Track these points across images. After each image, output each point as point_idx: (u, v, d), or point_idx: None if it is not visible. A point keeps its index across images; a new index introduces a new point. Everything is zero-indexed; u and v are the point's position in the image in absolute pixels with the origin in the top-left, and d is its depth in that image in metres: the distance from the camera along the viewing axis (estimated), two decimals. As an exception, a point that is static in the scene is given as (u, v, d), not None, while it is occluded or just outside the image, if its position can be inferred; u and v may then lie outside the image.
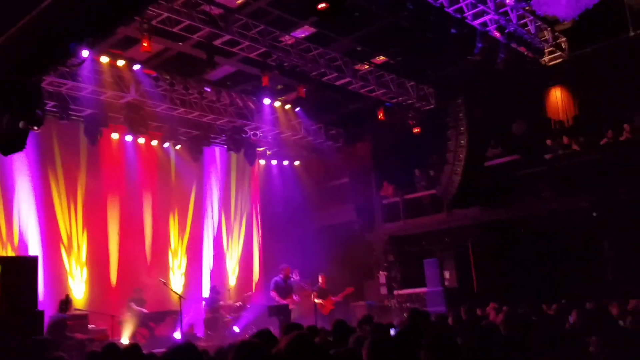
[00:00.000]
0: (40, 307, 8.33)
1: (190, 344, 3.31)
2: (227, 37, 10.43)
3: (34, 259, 8.75)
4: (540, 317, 7.23)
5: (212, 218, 15.15)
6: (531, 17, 11.00)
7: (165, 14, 9.45)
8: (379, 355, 3.56)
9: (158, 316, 12.41)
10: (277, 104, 14.19)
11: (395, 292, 14.14)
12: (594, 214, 11.45)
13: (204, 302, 13.47)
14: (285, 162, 16.44)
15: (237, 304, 13.74)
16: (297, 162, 16.58)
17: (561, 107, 13.42)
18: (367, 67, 12.06)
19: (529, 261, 12.15)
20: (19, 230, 11.65)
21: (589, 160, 12.00)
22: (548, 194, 12.22)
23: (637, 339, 3.91)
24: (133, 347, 5.73)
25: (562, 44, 12.31)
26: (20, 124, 6.02)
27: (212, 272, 14.69)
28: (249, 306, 13.57)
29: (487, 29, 10.30)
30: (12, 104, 5.92)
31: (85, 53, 9.83)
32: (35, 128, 8.74)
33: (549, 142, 12.67)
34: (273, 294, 11.78)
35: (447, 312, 9.01)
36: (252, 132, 14.71)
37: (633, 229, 11.14)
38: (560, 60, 12.44)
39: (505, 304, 8.85)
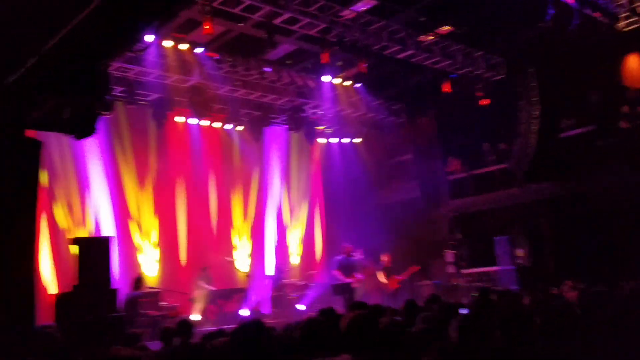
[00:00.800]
0: (114, 286, 8.66)
1: (257, 321, 3.29)
2: (287, 15, 10.29)
3: (108, 239, 9.07)
4: (618, 294, 6.85)
5: (275, 197, 15.28)
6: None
7: (226, -6, 9.43)
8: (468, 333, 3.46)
9: (226, 293, 12.71)
10: (337, 81, 13.99)
11: (464, 271, 13.78)
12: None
13: (269, 280, 13.66)
14: (346, 140, 16.26)
15: (302, 282, 13.85)
16: (358, 140, 16.37)
17: (638, 74, 12.51)
18: (431, 38, 11.61)
19: (606, 237, 11.50)
20: (93, 212, 12.16)
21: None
22: (625, 166, 11.46)
23: None
24: (184, 322, 5.84)
25: (638, 9, 11.40)
26: (91, 110, 6.18)
27: (276, 250, 14.88)
28: (313, 284, 13.64)
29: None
30: (82, 89, 6.06)
31: (150, 38, 10.00)
32: (105, 113, 9.04)
33: (625, 110, 11.84)
34: (336, 273, 11.75)
35: (520, 291, 8.69)
36: (312, 111, 14.63)
37: None
38: (636, 25, 11.56)
39: (582, 282, 8.42)
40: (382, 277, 12.30)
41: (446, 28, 11.27)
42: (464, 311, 6.31)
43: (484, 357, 3.58)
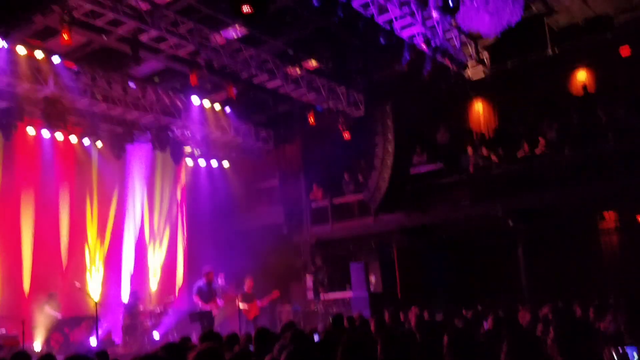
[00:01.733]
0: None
1: (103, 352, 3.15)
2: (154, 34, 10.10)
3: None
4: (459, 323, 7.48)
5: (135, 219, 14.62)
6: (456, 32, 11.39)
7: (89, 6, 9.02)
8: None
9: (73, 321, 11.89)
10: (207, 103, 13.88)
11: (322, 296, 14.20)
12: (510, 222, 12.01)
13: (122, 308, 12.96)
14: (214, 163, 16.11)
15: (158, 309, 13.31)
16: (225, 163, 16.29)
17: (482, 119, 13.99)
18: (298, 71, 12.05)
19: (449, 266, 12.61)
20: None
21: (506, 171, 12.62)
22: (467, 202, 12.72)
23: (544, 347, 4.10)
24: (47, 356, 5.43)
25: (485, 59, 12.83)
26: None
27: (132, 276, 14.16)
28: (171, 311, 13.18)
29: (415, 41, 10.57)
30: None
31: (0, 42, 9.23)
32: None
33: (469, 151, 13.19)
34: (196, 298, 11.48)
35: (371, 317, 9.14)
36: (179, 131, 14.32)
37: (544, 236, 11.80)
38: (482, 74, 12.96)
39: (427, 308, 9.08)
40: (242, 304, 12.26)
41: (313, 63, 11.76)
42: (317, 337, 6.53)
43: None
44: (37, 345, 10.79)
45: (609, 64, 12.37)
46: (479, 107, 13.88)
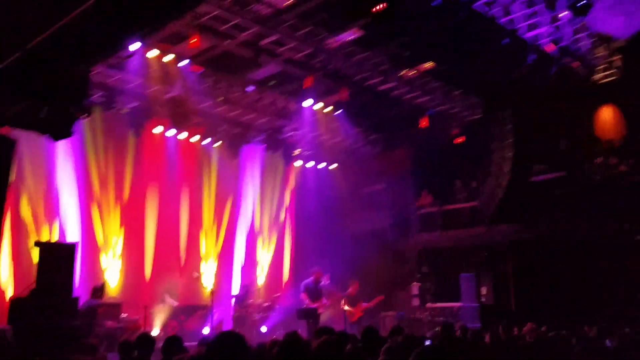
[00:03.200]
0: (75, 294, 8.44)
1: (237, 333, 3.25)
2: (274, 37, 10.44)
3: (74, 246, 8.86)
4: (581, 339, 6.98)
5: (247, 216, 15.20)
6: (586, 33, 10.67)
7: (216, 12, 9.51)
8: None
9: (189, 310, 12.50)
10: (318, 106, 14.12)
11: (428, 304, 13.85)
12: (637, 237, 11.04)
13: (233, 299, 13.49)
14: (322, 165, 16.35)
15: (266, 303, 13.71)
16: (333, 166, 16.48)
17: (610, 126, 12.98)
18: (413, 73, 11.88)
19: (568, 281, 11.77)
20: (59, 217, 11.88)
21: (636, 183, 11.58)
22: (591, 215, 11.83)
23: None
24: (173, 338, 5.73)
25: (616, 62, 11.90)
26: (70, 111, 6.13)
27: (243, 269, 14.74)
28: (277, 307, 13.52)
29: (540, 41, 10.03)
30: (62, 92, 6.01)
31: (134, 46, 9.96)
32: (85, 116, 8.94)
33: (598, 160, 12.25)
34: (303, 296, 11.67)
35: (482, 329, 8.77)
36: (290, 133, 14.70)
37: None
38: (612, 78, 12.04)
39: (544, 323, 8.57)
40: (347, 305, 12.28)
41: (428, 64, 11.54)
42: (428, 344, 6.37)
43: None
44: (155, 331, 11.44)
45: None
46: (607, 113, 12.88)
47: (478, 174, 14.08)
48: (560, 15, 9.85)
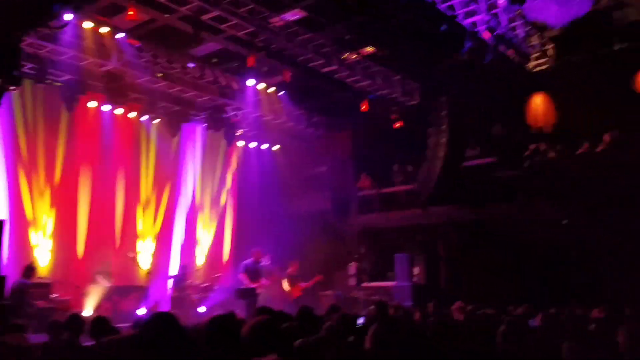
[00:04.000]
0: (2, 272, 8.12)
1: (170, 314, 3.21)
2: (215, 13, 10.24)
3: (0, 222, 8.48)
4: (506, 318, 7.35)
5: (187, 195, 14.98)
6: (521, 21, 11.05)
7: (155, -17, 9.22)
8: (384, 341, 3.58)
9: (124, 290, 12.26)
10: (261, 86, 14.02)
11: (364, 284, 14.19)
12: (564, 222, 11.65)
13: (171, 280, 13.33)
14: (265, 146, 16.30)
15: (205, 284, 13.64)
16: (276, 147, 16.46)
17: (542, 113, 13.54)
18: (354, 56, 11.98)
19: (497, 263, 12.31)
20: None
21: (564, 169, 12.19)
22: (520, 198, 12.38)
23: (603, 345, 4.00)
24: (101, 319, 5.63)
25: (549, 51, 12.39)
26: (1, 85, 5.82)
27: (182, 250, 14.55)
28: (217, 287, 13.47)
29: (477, 29, 10.31)
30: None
31: (68, 16, 9.55)
32: (13, 88, 8.51)
33: (532, 147, 12.79)
34: (242, 276, 11.70)
35: (413, 307, 9.09)
36: (233, 112, 14.54)
37: (601, 238, 11.36)
38: (545, 66, 12.53)
39: (471, 303, 8.93)
40: (286, 285, 12.39)
41: (369, 49, 11.66)
42: (360, 321, 6.56)
43: None
44: (88, 312, 11.18)
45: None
46: (539, 101, 13.42)
47: (414, 158, 14.45)
48: (497, 3, 10.15)
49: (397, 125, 13.99)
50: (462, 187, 13.12)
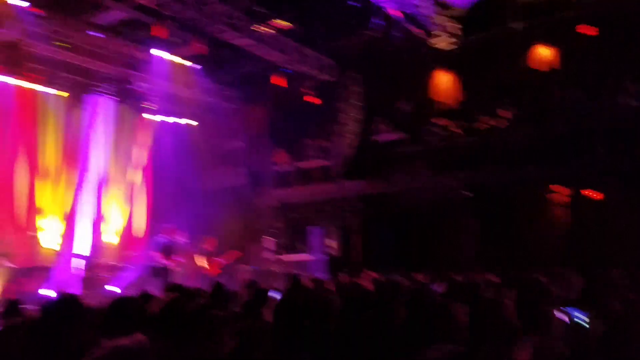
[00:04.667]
0: None
1: (72, 295, 3.16)
2: (119, -21, 9.78)
3: None
4: (411, 284, 7.78)
5: (96, 171, 14.34)
6: (428, 0, 11.41)
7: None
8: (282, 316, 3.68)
9: (28, 272, 11.68)
10: (174, 58, 13.58)
11: (280, 257, 14.40)
12: (465, 193, 12.38)
13: (81, 260, 12.84)
14: (179, 120, 15.88)
15: (117, 263, 13.26)
16: (190, 121, 16.09)
17: (446, 90, 14.16)
18: (267, 29, 11.88)
19: (405, 234, 12.91)
20: None
21: (465, 144, 12.89)
22: (426, 172, 12.99)
23: (498, 310, 4.35)
24: (12, 302, 5.45)
25: (454, 30, 12.91)
26: None
27: (93, 229, 14.00)
28: (130, 266, 13.15)
29: (384, 5, 10.50)
30: None
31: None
32: None
33: (439, 122, 13.36)
34: (155, 254, 11.50)
35: (328, 279, 9.38)
36: (140, 84, 14.01)
37: (499, 209, 12.20)
38: (450, 45, 13.07)
39: (380, 273, 9.36)
40: (203, 261, 12.31)
41: (282, 22, 11.61)
42: (275, 294, 6.72)
43: (296, 338, 3.86)
44: (-10, 295, 10.60)
45: (569, 42, 12.61)
46: (443, 79, 14.02)
47: (327, 133, 14.72)
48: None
49: (311, 99, 14.11)
50: (372, 161, 13.55)
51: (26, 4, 10.60)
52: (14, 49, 11.17)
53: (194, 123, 16.09)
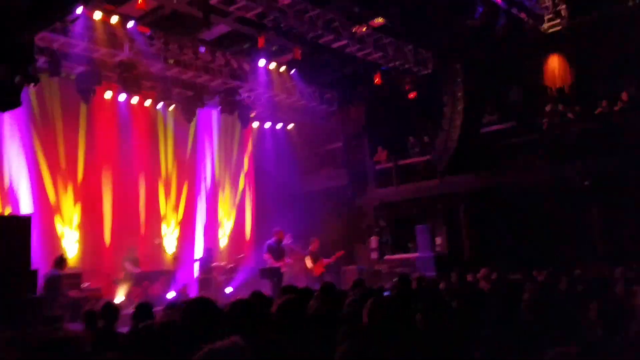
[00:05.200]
0: (33, 266, 8.33)
1: (209, 299, 3.32)
2: (223, -5, 10.21)
3: (28, 218, 8.69)
4: (531, 283, 7.40)
5: (206, 180, 15.16)
6: (533, -17, 10.85)
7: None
8: (378, 316, 3.66)
9: (152, 276, 12.50)
10: (272, 65, 14.01)
11: (386, 257, 14.29)
12: (585, 183, 11.57)
13: (197, 263, 13.57)
14: (279, 125, 16.35)
15: (230, 265, 13.86)
16: (290, 125, 16.50)
17: (558, 75, 13.37)
18: (364, 29, 11.86)
19: (520, 228, 12.29)
20: (10, 189, 11.55)
21: (583, 129, 12.06)
22: (541, 162, 12.30)
23: (629, 306, 4.02)
24: (144, 305, 5.75)
25: (562, 12, 12.17)
26: (16, 80, 5.92)
27: (205, 233, 14.77)
28: (241, 268, 13.69)
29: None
30: (7, 59, 5.79)
31: (79, 9, 9.59)
32: (32, 85, 8.63)
33: (547, 108, 12.64)
34: (266, 256, 11.84)
35: (437, 277, 9.16)
36: (246, 94, 14.56)
37: (621, 197, 11.28)
38: (559, 27, 12.33)
39: (495, 270, 8.98)
40: (309, 262, 12.53)
41: (379, 20, 11.51)
42: (386, 294, 6.64)
43: (403, 340, 3.80)
44: (119, 299, 11.45)
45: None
46: (554, 63, 13.23)
47: (430, 128, 14.38)
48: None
49: (412, 95, 13.89)
50: (481, 154, 13.04)
51: (139, 27, 11.37)
52: (130, 69, 12.00)
53: (294, 127, 16.46)
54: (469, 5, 9.90)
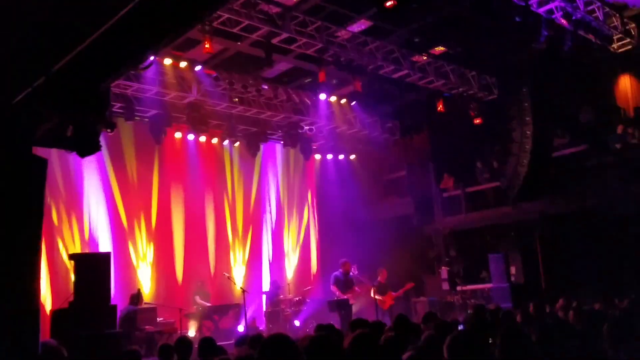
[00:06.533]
0: (112, 302, 8.66)
1: (286, 336, 3.35)
2: (284, 35, 10.51)
3: (108, 255, 9.09)
4: (613, 312, 6.98)
5: (271, 213, 15.39)
6: (599, 4, 10.53)
7: (226, 15, 9.62)
8: (459, 352, 3.57)
9: (222, 309, 12.72)
10: (333, 98, 14.20)
11: (459, 287, 13.88)
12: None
13: (264, 296, 13.69)
14: (341, 156, 16.44)
15: (297, 298, 13.87)
16: (352, 156, 16.56)
17: (630, 95, 12.81)
18: (425, 58, 11.85)
19: (598, 254, 11.67)
20: (89, 227, 12.17)
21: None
22: (616, 184, 11.70)
23: None
24: (207, 339, 5.89)
25: (632, 30, 11.72)
26: (96, 127, 6.28)
27: (271, 266, 14.93)
28: (308, 300, 13.68)
29: (553, 16, 9.92)
30: (85, 107, 6.15)
31: (151, 57, 10.11)
32: (109, 131, 9.13)
33: (619, 129, 12.09)
34: (333, 288, 11.81)
35: (514, 309, 8.79)
36: (307, 127, 14.79)
37: None
38: (629, 47, 11.87)
39: (574, 299, 8.54)
40: (377, 294, 12.38)
41: (439, 49, 11.49)
42: (460, 328, 6.43)
43: None
44: (191, 332, 11.68)
45: None
46: (626, 83, 12.69)
47: (498, 153, 14.02)
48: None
49: (477, 121, 13.66)
50: (552, 179, 12.56)
51: (205, 69, 11.87)
52: (198, 109, 12.51)
53: (356, 157, 16.51)
54: (533, 30, 9.68)
